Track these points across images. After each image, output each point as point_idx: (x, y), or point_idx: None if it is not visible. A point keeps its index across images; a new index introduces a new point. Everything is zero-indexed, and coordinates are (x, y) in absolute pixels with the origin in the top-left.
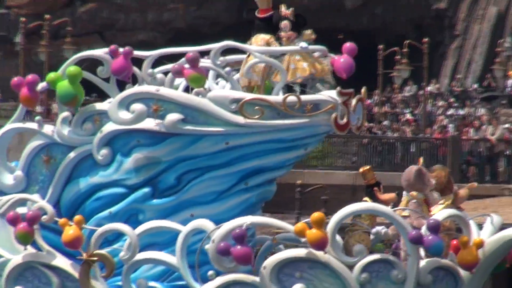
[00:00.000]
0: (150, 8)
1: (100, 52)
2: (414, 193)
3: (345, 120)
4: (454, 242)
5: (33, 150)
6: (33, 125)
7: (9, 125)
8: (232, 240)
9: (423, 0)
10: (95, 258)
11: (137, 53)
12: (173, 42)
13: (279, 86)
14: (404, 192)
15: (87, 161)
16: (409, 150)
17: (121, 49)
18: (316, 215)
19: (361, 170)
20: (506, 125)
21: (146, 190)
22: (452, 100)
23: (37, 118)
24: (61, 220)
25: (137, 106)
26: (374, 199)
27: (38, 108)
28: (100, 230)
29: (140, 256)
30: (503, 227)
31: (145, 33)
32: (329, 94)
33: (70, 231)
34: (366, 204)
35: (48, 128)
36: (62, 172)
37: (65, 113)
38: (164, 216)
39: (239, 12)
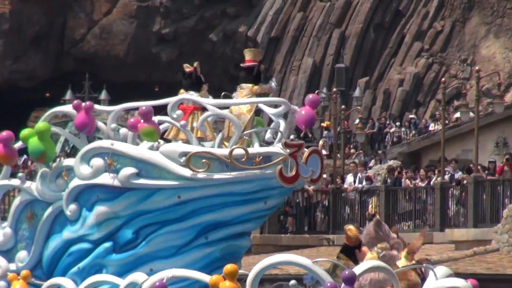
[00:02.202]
0: None
1: (70, 108)
2: (380, 245)
3: (293, 172)
4: None
5: (18, 206)
6: (17, 182)
7: None
8: None
9: (239, 52)
10: None
11: (99, 107)
12: None
13: (235, 139)
14: (369, 253)
15: (61, 217)
16: None
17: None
18: (229, 267)
19: (348, 230)
20: (324, 176)
21: (107, 245)
22: None
23: (20, 174)
24: (10, 275)
25: (96, 161)
26: (354, 259)
27: None
28: (45, 285)
29: None
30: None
31: None
32: (279, 147)
33: (17, 285)
34: (285, 256)
35: (31, 185)
36: (41, 228)
37: (43, 169)
38: (125, 271)
39: (55, 66)
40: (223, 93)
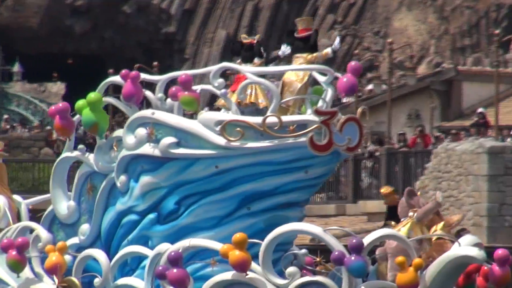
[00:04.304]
0: None
1: (118, 77)
2: (411, 212)
3: (325, 140)
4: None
5: (80, 179)
6: (78, 154)
7: (62, 155)
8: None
9: (152, 24)
10: (65, 285)
11: (145, 76)
12: None
13: (273, 107)
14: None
15: (115, 189)
16: None
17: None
18: (238, 236)
19: (383, 191)
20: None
21: (151, 216)
22: None
23: (80, 146)
24: (48, 247)
25: (139, 131)
26: (399, 220)
27: None
28: (79, 257)
29: (116, 282)
30: None
31: None
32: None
33: (52, 257)
34: (296, 224)
35: (90, 157)
36: (99, 200)
37: (100, 141)
38: (168, 242)
39: None
40: (137, 65)
